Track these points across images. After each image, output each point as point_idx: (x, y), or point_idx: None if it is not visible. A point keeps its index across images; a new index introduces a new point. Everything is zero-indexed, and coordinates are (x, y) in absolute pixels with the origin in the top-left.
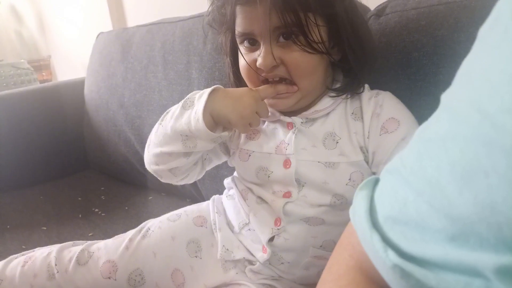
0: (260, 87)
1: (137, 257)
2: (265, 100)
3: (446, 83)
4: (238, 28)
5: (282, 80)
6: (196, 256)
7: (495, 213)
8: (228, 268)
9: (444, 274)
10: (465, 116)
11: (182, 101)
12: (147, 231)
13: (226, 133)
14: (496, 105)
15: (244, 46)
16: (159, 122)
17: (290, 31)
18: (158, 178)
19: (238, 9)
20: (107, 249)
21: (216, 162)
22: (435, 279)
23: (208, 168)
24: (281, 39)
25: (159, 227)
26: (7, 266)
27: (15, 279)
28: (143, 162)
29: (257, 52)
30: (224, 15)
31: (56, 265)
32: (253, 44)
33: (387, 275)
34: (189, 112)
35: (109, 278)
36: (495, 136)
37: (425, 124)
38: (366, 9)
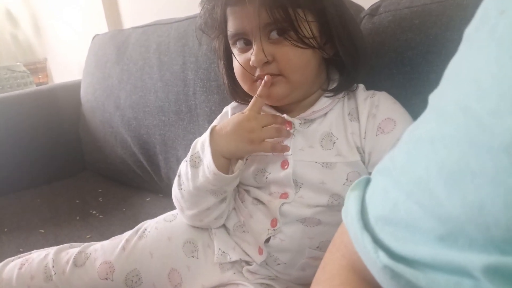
0: (249, 105)
1: (134, 258)
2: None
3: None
4: (230, 29)
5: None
6: (192, 256)
7: (483, 213)
8: (226, 268)
9: (434, 274)
10: (452, 117)
11: (188, 158)
12: (144, 232)
13: (241, 162)
14: (483, 106)
15: (237, 47)
16: (177, 187)
17: (281, 27)
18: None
19: (229, 10)
20: (104, 250)
21: None
22: (425, 280)
23: None
24: (273, 35)
25: (156, 227)
26: (4, 268)
27: (12, 281)
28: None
29: (250, 52)
30: (215, 18)
31: (53, 266)
32: (247, 44)
33: (378, 276)
34: (201, 169)
35: (106, 279)
36: (482, 137)
37: (415, 124)
38: (360, 8)
